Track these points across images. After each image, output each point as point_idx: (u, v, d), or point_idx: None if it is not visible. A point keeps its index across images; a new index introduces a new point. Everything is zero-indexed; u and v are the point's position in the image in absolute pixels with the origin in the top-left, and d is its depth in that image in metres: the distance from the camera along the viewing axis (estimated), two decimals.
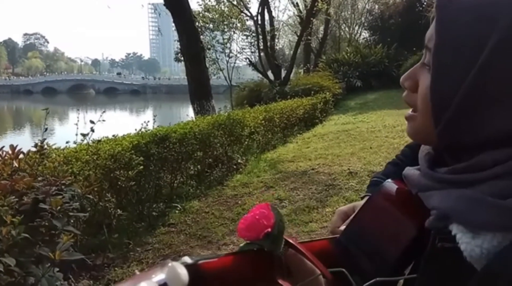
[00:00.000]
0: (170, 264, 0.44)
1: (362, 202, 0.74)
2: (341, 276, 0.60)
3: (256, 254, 0.55)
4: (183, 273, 0.44)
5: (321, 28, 24.57)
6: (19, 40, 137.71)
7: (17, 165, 2.39)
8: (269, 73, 15.66)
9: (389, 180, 0.63)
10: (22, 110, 46.88)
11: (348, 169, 5.53)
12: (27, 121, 30.54)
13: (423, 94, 0.49)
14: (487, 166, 0.44)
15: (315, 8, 15.17)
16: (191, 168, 5.40)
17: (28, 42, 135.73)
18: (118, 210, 3.62)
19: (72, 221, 2.85)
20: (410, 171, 0.57)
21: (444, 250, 0.50)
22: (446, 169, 0.49)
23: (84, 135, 3.34)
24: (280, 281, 0.54)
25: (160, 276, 0.43)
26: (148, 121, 5.07)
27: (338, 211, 0.77)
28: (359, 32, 27.13)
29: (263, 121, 7.42)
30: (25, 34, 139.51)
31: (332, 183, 5.02)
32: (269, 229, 0.55)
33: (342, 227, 0.71)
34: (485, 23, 0.43)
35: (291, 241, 0.58)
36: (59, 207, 1.98)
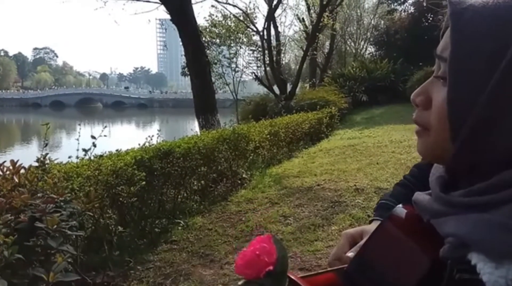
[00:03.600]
0: None
1: (371, 226, 0.71)
2: None
3: None
4: None
5: (327, 43, 24.73)
6: (29, 54, 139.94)
7: (17, 181, 2.35)
8: (275, 88, 15.68)
9: (400, 205, 0.58)
10: (30, 123, 47.29)
11: (355, 185, 5.44)
12: (34, 134, 30.74)
13: (438, 109, 0.45)
14: (509, 185, 0.40)
15: (321, 24, 15.26)
16: (195, 183, 5.34)
17: (37, 56, 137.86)
18: (119, 227, 3.55)
19: (72, 238, 2.80)
20: (420, 196, 0.52)
21: (463, 282, 0.44)
22: (462, 191, 0.45)
23: (85, 150, 3.30)
24: None
25: None
26: (153, 136, 5.04)
27: (345, 234, 0.73)
28: (365, 47, 27.23)
29: (268, 136, 7.37)
30: (35, 49, 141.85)
31: (338, 200, 4.92)
32: (271, 267, 0.50)
33: (349, 253, 0.68)
34: (503, 28, 0.41)
35: (294, 278, 0.54)
36: (55, 226, 1.92)
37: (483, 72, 0.41)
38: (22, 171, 2.43)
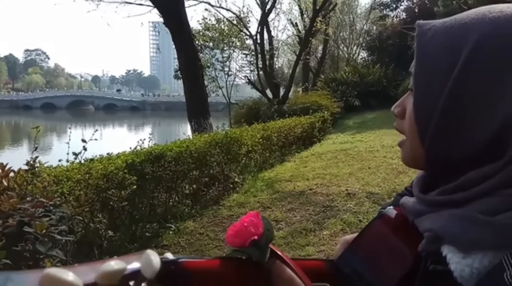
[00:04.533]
0: (145, 252, 0.44)
1: None
2: None
3: (242, 261, 0.55)
4: (156, 260, 0.43)
5: (320, 47, 24.87)
6: (20, 56, 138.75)
7: (6, 184, 2.32)
8: (268, 92, 15.72)
9: (391, 207, 0.64)
10: (21, 125, 46.82)
11: (346, 190, 5.45)
12: (25, 136, 30.43)
13: (409, 116, 0.52)
14: (475, 184, 0.45)
15: (314, 28, 15.36)
16: (187, 187, 5.31)
17: (29, 58, 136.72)
18: (110, 231, 3.52)
19: (62, 242, 2.77)
20: (406, 199, 0.57)
21: (436, 273, 0.49)
22: (437, 190, 0.50)
23: (76, 154, 3.27)
24: None
25: (135, 263, 0.43)
26: (144, 139, 5.01)
27: (343, 240, 0.77)
28: (357, 52, 27.44)
29: (261, 140, 7.37)
30: (26, 50, 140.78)
31: (330, 204, 4.93)
32: (256, 237, 0.55)
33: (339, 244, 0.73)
34: (457, 41, 0.47)
35: (279, 252, 0.58)
36: (44, 231, 1.90)
37: (441, 80, 0.47)
38: (12, 174, 2.39)
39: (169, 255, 0.51)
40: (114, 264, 0.39)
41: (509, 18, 0.46)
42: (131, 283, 0.41)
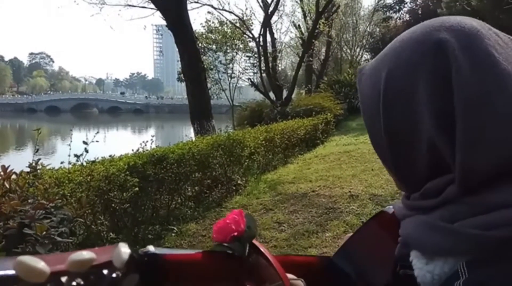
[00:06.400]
0: (118, 244, 0.46)
1: None
2: None
3: (224, 255, 0.58)
4: (125, 251, 0.45)
5: (323, 49, 24.85)
6: (25, 59, 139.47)
7: (8, 186, 2.32)
8: (271, 94, 15.71)
9: (390, 207, 0.65)
10: (25, 128, 47.06)
11: (349, 191, 5.43)
12: (29, 139, 30.57)
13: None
14: (437, 192, 0.46)
15: (316, 30, 15.34)
16: (189, 189, 5.31)
17: (33, 61, 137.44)
18: (112, 234, 3.51)
19: (62, 244, 2.76)
20: (397, 203, 0.58)
21: (406, 277, 0.50)
22: (413, 195, 0.52)
23: (77, 156, 3.27)
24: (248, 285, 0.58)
25: (107, 254, 0.45)
26: (147, 141, 5.01)
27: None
28: (360, 54, 27.43)
29: (263, 142, 7.36)
30: (31, 54, 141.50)
31: (333, 206, 4.90)
32: (236, 233, 0.59)
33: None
34: (376, 80, 0.51)
35: (262, 249, 0.60)
36: (44, 232, 1.89)
37: (375, 115, 0.51)
38: (14, 176, 2.40)
39: (151, 248, 0.53)
40: (84, 253, 0.42)
41: (404, 46, 0.49)
42: (105, 271, 0.44)
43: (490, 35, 0.46)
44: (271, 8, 15.13)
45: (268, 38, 15.86)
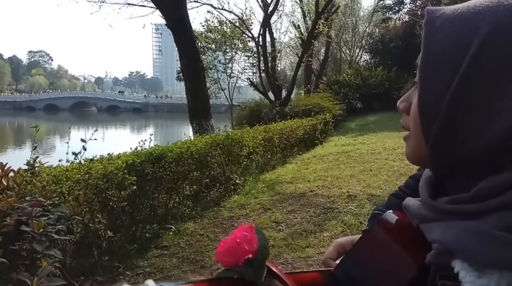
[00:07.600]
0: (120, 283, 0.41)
1: None
2: None
3: (234, 283, 0.49)
4: None
5: (322, 50, 24.87)
6: (24, 57, 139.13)
7: (5, 184, 2.31)
8: (270, 94, 15.70)
9: (390, 211, 0.58)
10: (23, 126, 46.97)
11: (348, 192, 5.43)
12: (27, 137, 30.52)
13: (413, 112, 0.48)
14: (491, 195, 0.40)
15: (316, 31, 15.34)
16: (187, 188, 5.30)
17: (32, 59, 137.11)
18: (109, 232, 3.51)
19: (60, 242, 2.76)
20: (410, 201, 0.52)
21: None
22: (448, 198, 0.45)
23: (75, 154, 3.26)
24: None
25: None
26: (145, 140, 5.00)
27: (335, 243, 0.73)
28: (359, 54, 27.44)
29: (262, 141, 7.36)
30: (30, 52, 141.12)
31: (331, 206, 4.91)
32: (251, 255, 0.49)
33: (337, 261, 0.68)
34: (467, 32, 0.42)
35: (275, 270, 0.52)
36: (41, 230, 1.89)
37: (446, 75, 0.42)
38: (11, 174, 2.39)
39: (150, 283, 0.47)
40: None
41: None
42: None
43: None
44: (270, 8, 15.13)
45: (268, 38, 15.86)
